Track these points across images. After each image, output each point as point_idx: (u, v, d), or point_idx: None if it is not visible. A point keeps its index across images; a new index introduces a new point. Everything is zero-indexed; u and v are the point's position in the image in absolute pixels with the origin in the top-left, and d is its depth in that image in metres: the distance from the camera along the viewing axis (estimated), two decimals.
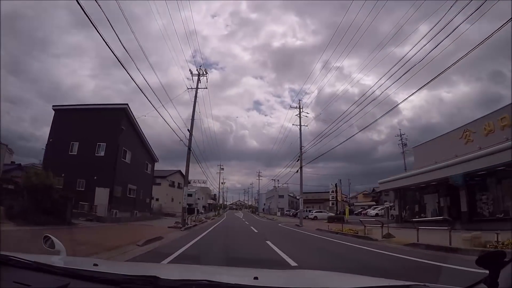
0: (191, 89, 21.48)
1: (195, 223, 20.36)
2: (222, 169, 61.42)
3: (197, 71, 21.63)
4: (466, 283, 1.08)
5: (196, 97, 20.93)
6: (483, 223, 13.41)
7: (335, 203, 31.43)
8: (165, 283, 1.12)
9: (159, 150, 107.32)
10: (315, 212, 37.10)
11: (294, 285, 1.57)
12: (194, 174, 64.06)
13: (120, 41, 8.41)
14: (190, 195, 55.62)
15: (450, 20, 9.24)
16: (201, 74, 21.87)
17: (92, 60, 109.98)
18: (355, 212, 44.58)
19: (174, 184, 41.48)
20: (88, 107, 22.77)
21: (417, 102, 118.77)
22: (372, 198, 65.77)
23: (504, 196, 14.12)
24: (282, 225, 24.39)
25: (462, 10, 8.73)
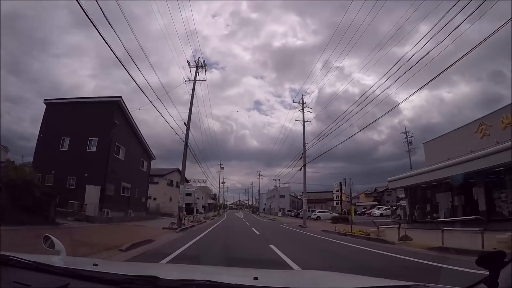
0: (189, 81, 20.39)
1: (193, 224, 19.13)
2: (222, 168, 60.13)
3: (195, 63, 20.54)
4: (466, 283, 1.07)
5: (193, 89, 19.80)
6: (503, 223, 12.35)
7: (340, 203, 30.16)
8: (165, 283, 1.11)
9: (159, 150, 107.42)
10: (318, 212, 35.82)
11: (294, 285, 1.56)
12: (194, 174, 63.32)
13: (120, 40, 8.47)
14: (189, 195, 54.76)
15: (450, 19, 9.17)
16: (199, 66, 20.83)
17: (92, 60, 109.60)
18: (358, 212, 43.63)
19: (172, 183, 40.12)
20: (79, 101, 21.61)
21: (417, 102, 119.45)
22: (374, 198, 65.24)
23: None
24: (284, 226, 23.15)
25: (462, 10, 8.66)
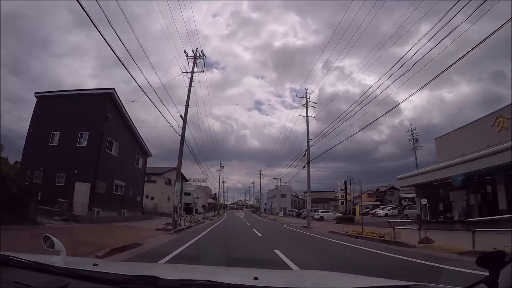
0: (187, 72, 19.19)
1: (190, 224, 17.89)
2: (222, 167, 58.81)
3: (192, 53, 19.33)
4: (466, 283, 1.05)
5: (191, 81, 18.57)
6: None
7: (345, 202, 28.91)
8: (165, 283, 1.11)
9: (160, 150, 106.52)
10: (321, 212, 34.52)
11: (294, 285, 1.55)
12: (194, 174, 61.96)
13: (120, 39, 8.43)
14: (188, 194, 53.51)
15: (450, 19, 9.09)
16: (198, 57, 19.65)
17: (92, 59, 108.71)
18: (362, 212, 42.19)
19: (170, 181, 38.75)
20: (71, 93, 20.42)
21: (418, 102, 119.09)
22: (376, 198, 64.20)
23: None
24: (287, 226, 21.90)
25: (462, 9, 8.55)
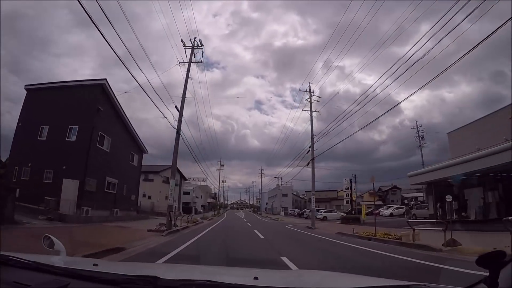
0: (184, 62, 18.01)
1: (187, 225, 16.69)
2: (222, 165, 57.56)
3: (190, 42, 18.14)
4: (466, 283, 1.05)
5: (188, 71, 17.41)
6: None
7: (350, 201, 27.71)
8: (165, 283, 1.10)
9: (160, 149, 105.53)
10: (324, 212, 33.33)
11: (294, 285, 1.53)
12: (194, 173, 60.77)
13: (120, 39, 8.58)
14: (187, 193, 52.29)
15: (450, 18, 9.04)
16: (195, 46, 18.46)
17: (91, 59, 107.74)
18: (365, 212, 41.44)
19: (168, 180, 37.57)
20: (61, 85, 19.22)
21: (418, 102, 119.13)
22: (378, 197, 63.24)
23: None
24: (290, 227, 20.70)
25: (462, 9, 8.48)
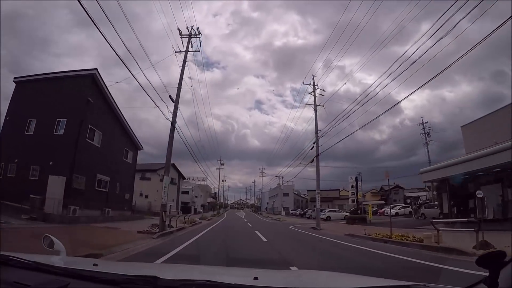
0: (180, 52, 16.79)
1: (183, 226, 15.49)
2: (222, 164, 56.33)
3: (187, 29, 16.92)
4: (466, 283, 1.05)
5: (185, 60, 16.17)
6: None
7: (356, 201, 26.50)
8: (164, 283, 1.09)
9: (160, 149, 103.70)
10: (328, 211, 32.11)
11: (294, 285, 1.53)
12: (194, 173, 59.58)
13: (120, 39, 8.56)
14: (186, 193, 51.07)
15: (450, 17, 9.00)
16: (193, 35, 17.25)
17: (91, 58, 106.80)
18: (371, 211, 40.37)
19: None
20: (49, 77, 18.02)
21: (419, 102, 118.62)
22: (381, 197, 62.16)
23: None
24: (293, 227, 19.49)
25: (462, 7, 8.51)
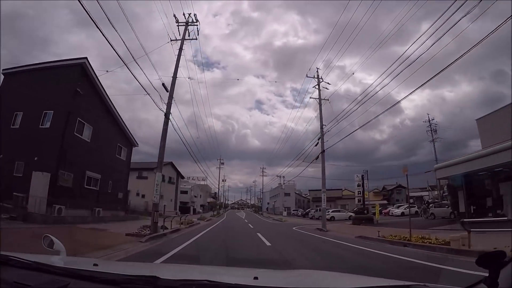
0: (176, 40, 15.65)
1: (178, 227, 14.33)
2: (222, 163, 55.14)
3: (183, 16, 15.79)
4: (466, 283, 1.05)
5: (181, 48, 15.02)
6: None
7: (362, 200, 25.36)
8: (165, 283, 1.09)
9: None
10: (332, 211, 30.91)
11: (294, 285, 1.53)
12: (194, 173, 58.48)
13: (121, 38, 8.58)
14: (185, 192, 49.89)
15: (450, 16, 8.90)
16: (190, 23, 16.11)
17: (92, 58, 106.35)
18: (373, 211, 39.45)
19: (164, 178, 35.16)
20: (38, 67, 16.89)
21: (419, 102, 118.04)
22: (383, 197, 61.55)
23: None
24: (297, 229, 18.32)
25: (461, 6, 8.41)
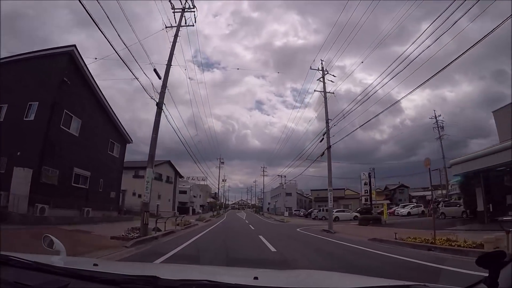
0: (171, 27, 14.54)
1: (174, 229, 13.19)
2: (222, 162, 53.94)
3: (180, 1, 14.66)
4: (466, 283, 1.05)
5: (176, 35, 13.90)
6: None
7: (369, 199, 24.23)
8: (165, 283, 1.08)
9: (158, 149, 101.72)
10: (336, 211, 29.72)
11: (294, 285, 1.53)
12: (194, 173, 57.38)
13: (121, 38, 8.51)
14: (184, 192, 48.71)
15: (449, 15, 8.77)
16: (186, 8, 14.99)
17: (91, 59, 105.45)
18: (378, 211, 38.58)
19: (161, 177, 33.93)
20: (25, 57, 15.75)
21: (419, 102, 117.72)
22: (385, 196, 60.96)
23: None
24: (302, 230, 17.16)
25: (461, 6, 8.33)
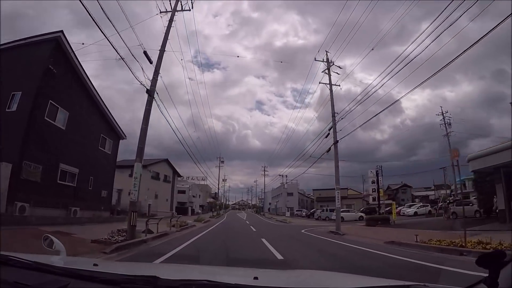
0: (166, 12, 13.44)
1: (168, 230, 12.04)
2: (222, 162, 52.80)
3: None
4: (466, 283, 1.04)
5: (171, 20, 12.81)
6: None
7: (377, 198, 23.16)
8: (165, 283, 1.08)
9: (158, 149, 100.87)
10: (341, 212, 28.60)
11: (294, 285, 1.52)
12: (194, 173, 56.45)
13: (121, 38, 8.66)
14: (183, 192, 47.55)
15: (449, 15, 8.93)
16: None
17: (92, 59, 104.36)
18: (382, 211, 37.66)
19: (158, 176, 32.79)
20: (9, 46, 14.64)
21: (420, 102, 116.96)
22: (388, 196, 60.11)
23: None
24: (307, 232, 16.01)
25: (461, 5, 8.34)
